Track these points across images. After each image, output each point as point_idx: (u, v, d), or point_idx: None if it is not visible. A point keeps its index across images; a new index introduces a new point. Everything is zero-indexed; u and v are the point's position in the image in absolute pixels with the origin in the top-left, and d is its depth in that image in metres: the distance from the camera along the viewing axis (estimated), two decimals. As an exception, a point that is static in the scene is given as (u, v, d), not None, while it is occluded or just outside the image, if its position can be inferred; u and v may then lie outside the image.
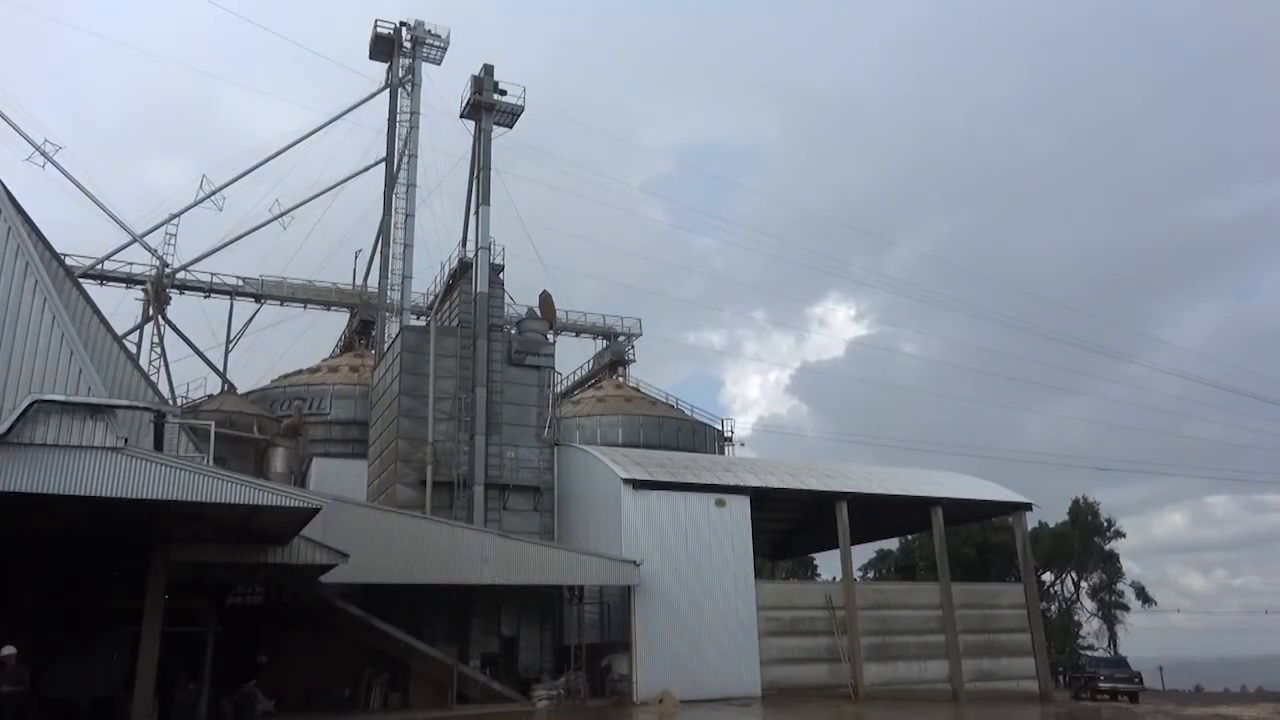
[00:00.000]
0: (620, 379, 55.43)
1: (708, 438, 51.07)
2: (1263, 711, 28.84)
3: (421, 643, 28.82)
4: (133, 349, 37.13)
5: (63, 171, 47.19)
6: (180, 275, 48.27)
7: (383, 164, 47.86)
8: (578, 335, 58.62)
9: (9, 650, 15.73)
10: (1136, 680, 36.47)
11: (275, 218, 50.42)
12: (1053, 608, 58.91)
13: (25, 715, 15.43)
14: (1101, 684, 35.75)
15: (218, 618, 26.25)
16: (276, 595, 28.91)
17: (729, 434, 53.87)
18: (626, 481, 31.30)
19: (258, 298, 50.71)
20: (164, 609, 19.78)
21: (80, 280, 27.64)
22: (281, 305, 51.99)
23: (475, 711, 26.85)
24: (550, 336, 38.99)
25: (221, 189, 49.29)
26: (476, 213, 37.56)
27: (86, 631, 24.59)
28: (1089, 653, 51.21)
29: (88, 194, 47.55)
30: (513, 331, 37.19)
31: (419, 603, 30.09)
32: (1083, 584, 61.65)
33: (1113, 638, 59.42)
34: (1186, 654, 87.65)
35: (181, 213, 48.37)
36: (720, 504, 32.60)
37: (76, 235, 44.31)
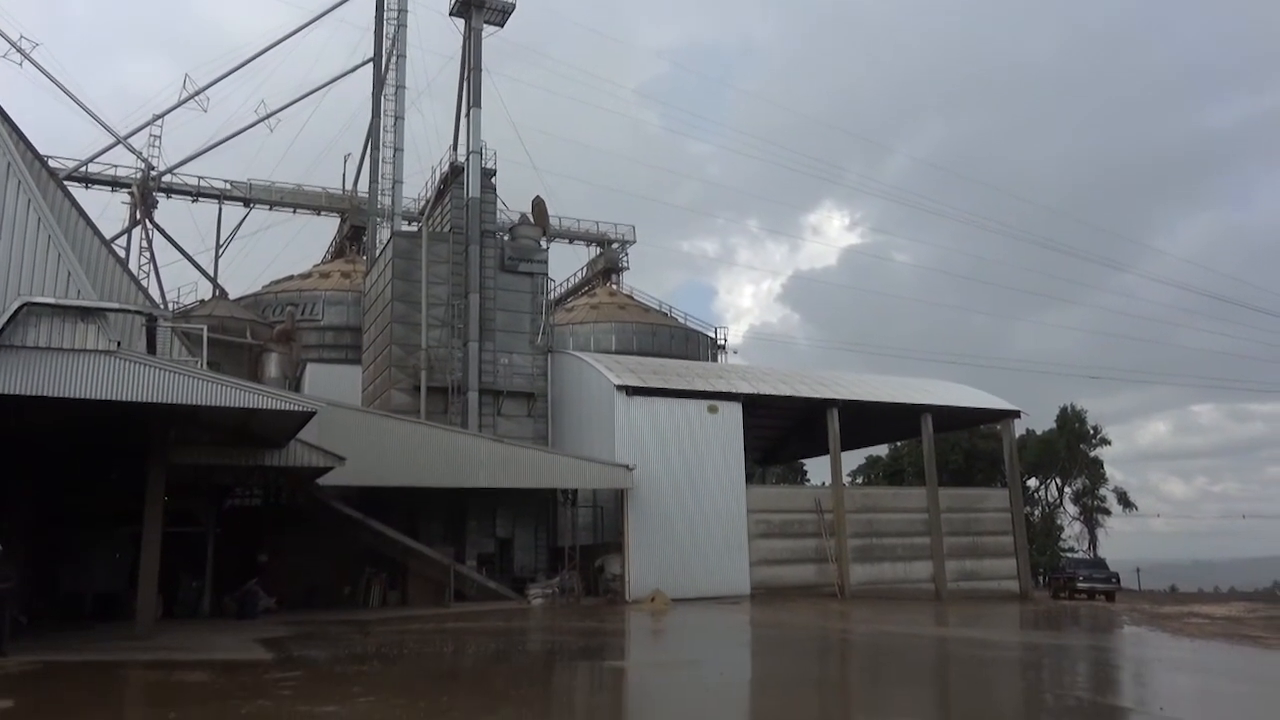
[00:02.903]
0: (613, 286, 55.23)
1: (700, 345, 51.24)
2: (1234, 610, 29.81)
3: (419, 543, 29.45)
4: (121, 253, 36.71)
5: (40, 69, 45.97)
6: (166, 178, 47.44)
7: (370, 64, 46.54)
8: (571, 242, 58.06)
9: None
10: (1114, 581, 37.48)
11: (261, 119, 49.39)
12: (1036, 512, 60.12)
13: (3, 611, 15.73)
14: (1080, 584, 36.74)
15: (217, 519, 26.75)
16: (275, 497, 29.36)
17: (721, 341, 54.08)
18: (620, 388, 31.53)
19: (246, 202, 49.93)
20: (164, 510, 20.09)
21: (64, 183, 27.16)
22: (271, 210, 51.25)
23: (472, 609, 27.60)
24: (543, 243, 38.66)
25: (205, 89, 48.18)
26: (467, 115, 36.77)
27: (89, 531, 25.05)
28: (1069, 555, 52.50)
29: (68, 93, 46.41)
30: (505, 238, 36.85)
31: (416, 505, 30.61)
32: (1066, 489, 62.85)
33: (1093, 541, 60.82)
34: (1164, 557, 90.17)
35: (165, 114, 47.34)
36: (712, 410, 32.93)
37: (57, 137, 43.31)
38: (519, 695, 12.65)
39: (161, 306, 32.65)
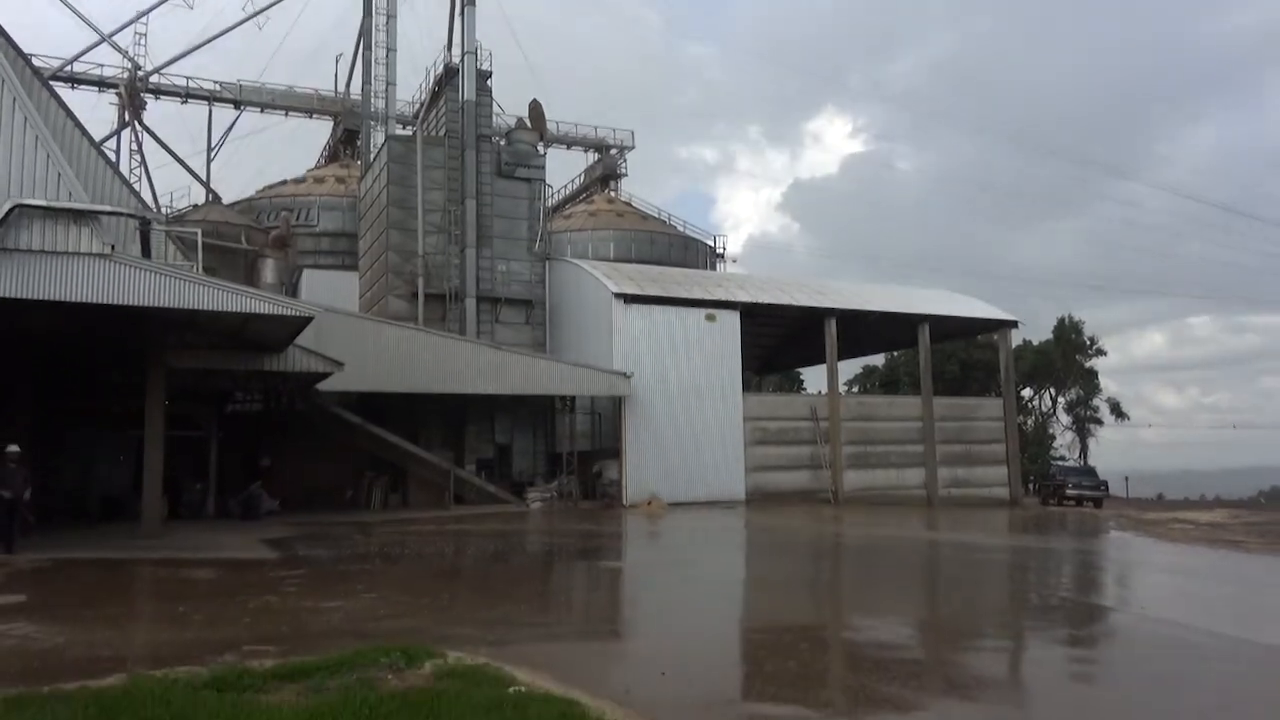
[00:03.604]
0: (612, 193, 54.55)
1: (699, 253, 50.94)
2: (1218, 516, 30.45)
3: (418, 448, 29.85)
4: (111, 156, 36.10)
5: (18, -37, 44.23)
6: (154, 79, 46.25)
7: (360, -42, 44.96)
8: (569, 147, 57.08)
9: (14, 449, 16.18)
10: (1102, 488, 38.17)
11: (250, 17, 48.02)
12: (1029, 421, 60.74)
13: (14, 513, 16.02)
14: (1069, 491, 37.41)
15: (219, 423, 27.04)
16: (275, 402, 29.61)
17: (720, 250, 53.71)
18: (618, 296, 31.48)
19: (236, 104, 48.80)
20: (165, 414, 20.26)
21: (49, 83, 26.50)
22: (262, 112, 50.15)
23: (472, 511, 28.14)
24: (540, 148, 38.03)
25: (190, -16, 46.58)
26: (462, 14, 35.65)
27: (93, 435, 25.36)
28: (1059, 463, 53.30)
29: (48, -12, 44.85)
30: (502, 143, 36.22)
31: (415, 411, 30.88)
32: (1060, 399, 63.38)
33: (1084, 450, 61.63)
34: (1154, 466, 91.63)
35: (150, 9, 45.92)
36: (710, 319, 32.96)
37: (38, 35, 42.02)
38: (518, 592, 13.00)
39: (154, 210, 32.30)
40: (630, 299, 31.64)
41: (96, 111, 48.06)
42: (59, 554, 16.27)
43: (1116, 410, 62.37)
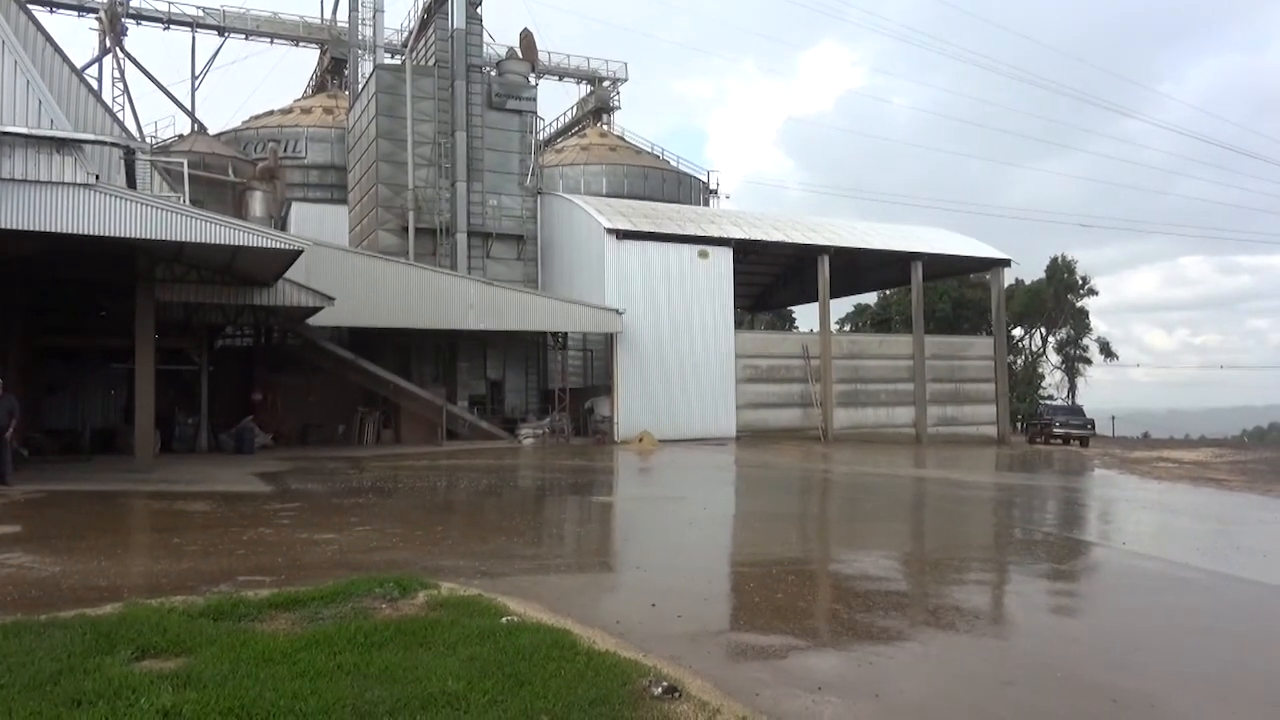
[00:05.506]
0: (604, 127, 53.81)
1: (692, 189, 50.48)
2: (1201, 455, 30.88)
3: (411, 384, 29.90)
4: (93, 84, 35.30)
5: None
6: (135, 3, 45.06)
7: (345, -121, 43.46)
8: (560, 79, 56.08)
9: None
10: (1089, 427, 38.62)
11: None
12: (1019, 360, 61.08)
13: (3, 444, 16.04)
14: (1056, 430, 37.83)
15: (210, 358, 26.99)
16: (267, 337, 29.53)
17: (714, 186, 53.23)
18: (610, 231, 31.27)
19: (220, 30, 47.68)
20: (157, 349, 20.19)
21: (27, 6, 25.76)
22: (247, 40, 49.04)
23: (465, 447, 28.33)
24: (532, 79, 37.36)
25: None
26: (451, -62, 34.65)
27: (84, 368, 25.30)
28: (1047, 402, 53.71)
29: (22, -93, 43.29)
30: (492, 73, 35.56)
31: (407, 347, 30.88)
32: (1050, 339, 63.67)
33: (1072, 389, 62.18)
34: (1141, 406, 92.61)
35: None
36: (703, 255, 32.81)
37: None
38: (511, 525, 13.14)
39: (139, 140, 31.72)
40: (623, 235, 31.44)
41: (77, 37, 46.88)
42: (52, 486, 16.34)
43: (1106, 350, 62.82)
